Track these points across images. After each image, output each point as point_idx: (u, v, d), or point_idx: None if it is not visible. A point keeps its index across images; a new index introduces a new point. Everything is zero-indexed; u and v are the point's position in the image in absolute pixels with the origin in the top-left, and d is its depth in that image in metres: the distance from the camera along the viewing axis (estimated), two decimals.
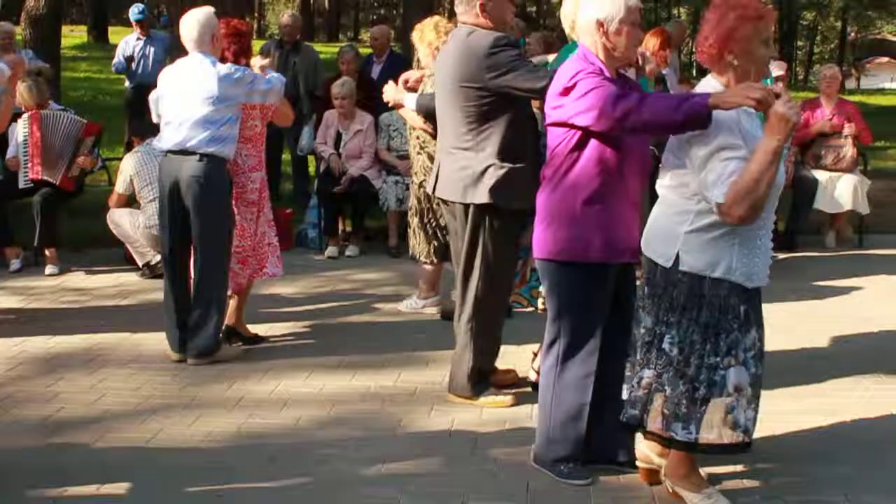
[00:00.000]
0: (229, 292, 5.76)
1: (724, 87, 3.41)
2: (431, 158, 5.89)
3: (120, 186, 7.52)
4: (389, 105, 6.00)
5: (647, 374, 3.56)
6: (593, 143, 3.72)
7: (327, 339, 6.02)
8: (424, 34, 6.07)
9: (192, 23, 5.44)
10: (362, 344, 5.90)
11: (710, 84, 3.48)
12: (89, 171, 8.26)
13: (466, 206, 4.56)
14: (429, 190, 4.91)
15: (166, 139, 5.49)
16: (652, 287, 3.58)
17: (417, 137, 6.29)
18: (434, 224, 6.31)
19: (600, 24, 3.72)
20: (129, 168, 7.47)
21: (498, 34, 4.45)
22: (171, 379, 5.29)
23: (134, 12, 11.71)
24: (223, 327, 5.69)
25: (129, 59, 11.43)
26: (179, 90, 5.44)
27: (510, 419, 4.64)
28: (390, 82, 5.75)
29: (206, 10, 5.55)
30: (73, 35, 27.39)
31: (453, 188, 4.59)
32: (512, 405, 4.79)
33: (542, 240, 3.93)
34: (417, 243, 6.50)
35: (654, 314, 3.56)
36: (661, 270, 3.52)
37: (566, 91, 3.70)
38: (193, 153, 5.40)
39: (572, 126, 3.72)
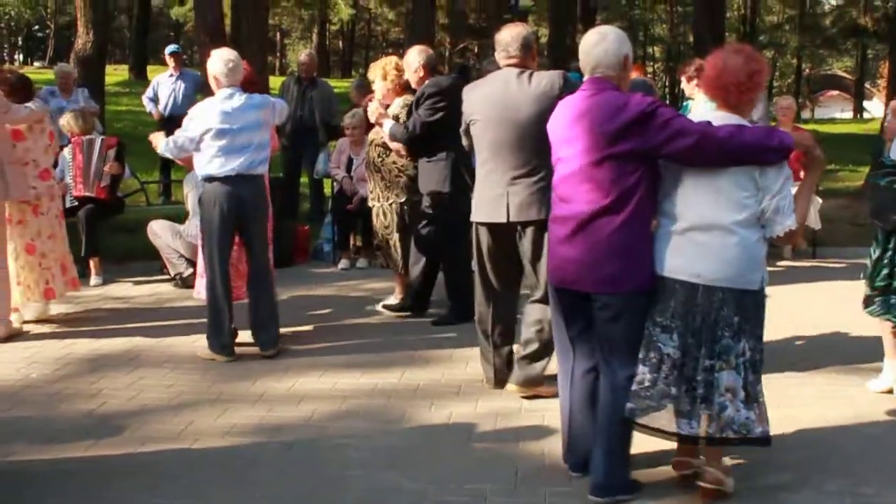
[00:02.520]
0: None
1: (738, 118, 3.49)
2: (413, 180, 6.36)
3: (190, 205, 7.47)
4: (372, 122, 6.33)
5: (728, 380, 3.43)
6: (650, 173, 3.49)
7: (339, 341, 6.00)
8: (388, 73, 6.37)
9: (227, 60, 5.52)
10: (370, 346, 5.88)
11: (724, 115, 3.49)
12: (120, 179, 8.21)
13: (539, 221, 4.49)
14: (495, 219, 4.67)
15: (222, 166, 5.48)
16: (712, 314, 3.42)
17: (394, 162, 6.46)
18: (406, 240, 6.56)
19: (627, 58, 3.65)
20: (188, 186, 7.48)
21: (556, 72, 4.71)
22: (201, 377, 5.27)
23: (170, 48, 11.77)
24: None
25: (155, 99, 11.41)
26: (235, 121, 5.48)
27: (501, 413, 4.62)
28: (375, 101, 6.10)
29: (234, 52, 5.66)
30: (116, 73, 27.46)
31: (529, 209, 4.52)
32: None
33: (626, 273, 3.50)
34: (399, 257, 6.64)
35: (709, 338, 3.43)
36: (738, 295, 3.41)
37: (637, 121, 3.42)
38: (253, 175, 5.55)
39: (649, 155, 3.45)
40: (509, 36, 4.71)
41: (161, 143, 5.73)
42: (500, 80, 4.70)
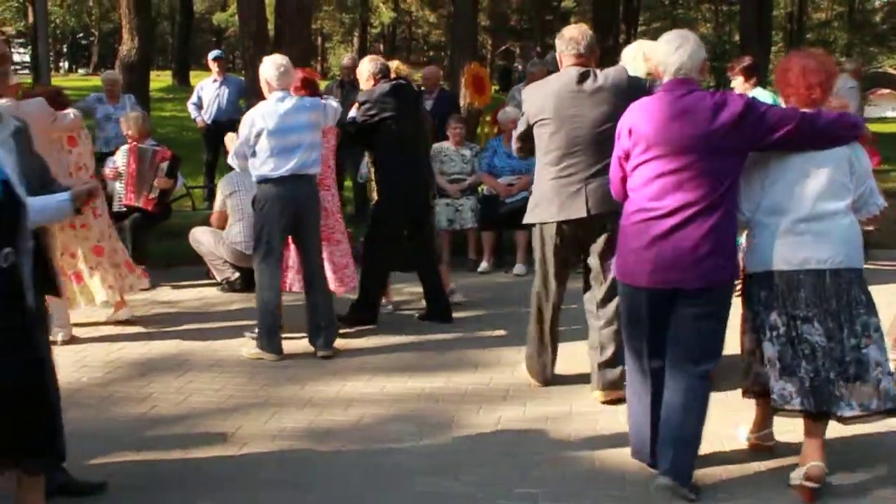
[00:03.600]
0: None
1: None
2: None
3: (218, 205, 7.60)
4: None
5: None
6: (740, 168, 3.69)
7: (386, 344, 6.03)
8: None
9: (279, 65, 5.68)
10: (417, 349, 5.91)
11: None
12: (169, 193, 8.29)
13: (616, 214, 4.47)
14: (573, 215, 4.73)
15: (276, 167, 5.64)
16: (833, 295, 3.62)
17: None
18: None
19: (705, 61, 3.79)
20: (224, 188, 7.55)
21: (621, 67, 4.89)
22: (249, 381, 5.33)
23: (213, 53, 11.91)
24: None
25: (199, 105, 11.56)
26: (286, 122, 5.63)
27: (551, 417, 4.62)
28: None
29: (285, 57, 5.84)
30: (159, 79, 27.84)
31: (609, 201, 4.49)
32: None
33: (727, 266, 3.67)
34: None
35: (847, 318, 3.63)
36: (859, 274, 3.68)
37: (740, 117, 3.59)
38: (306, 175, 5.72)
39: (752, 148, 3.66)
40: (579, 34, 4.80)
41: (231, 149, 5.95)
42: (569, 80, 4.76)
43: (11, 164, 3.27)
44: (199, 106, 11.53)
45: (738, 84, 7.07)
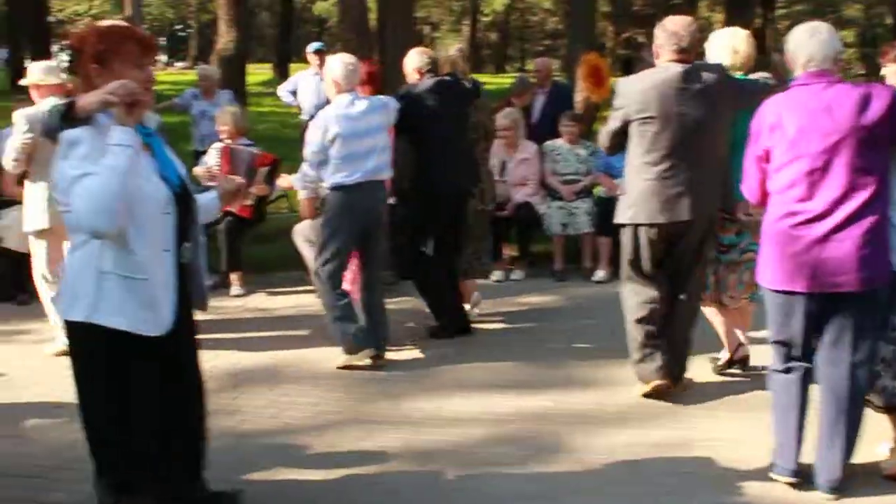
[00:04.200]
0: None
1: None
2: None
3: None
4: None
5: None
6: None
7: (491, 359, 6.02)
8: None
9: (347, 63, 5.86)
10: (524, 365, 5.89)
11: None
12: (267, 198, 8.49)
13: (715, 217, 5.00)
14: (675, 217, 4.89)
15: (351, 173, 5.76)
16: None
17: None
18: None
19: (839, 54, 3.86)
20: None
21: (718, 65, 5.06)
22: (345, 395, 5.40)
23: (313, 46, 12.11)
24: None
25: (293, 93, 11.81)
26: (359, 126, 5.76)
27: (668, 443, 4.54)
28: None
29: (352, 56, 6.08)
30: (259, 72, 28.50)
31: (711, 204, 4.91)
32: None
33: (886, 261, 3.80)
34: None
35: None
36: None
37: (888, 111, 3.69)
38: (379, 181, 5.87)
39: None
40: (682, 28, 4.87)
41: (296, 180, 6.17)
42: (672, 76, 4.82)
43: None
44: (293, 93, 11.74)
45: (891, 73, 6.81)
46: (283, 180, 6.59)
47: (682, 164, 4.83)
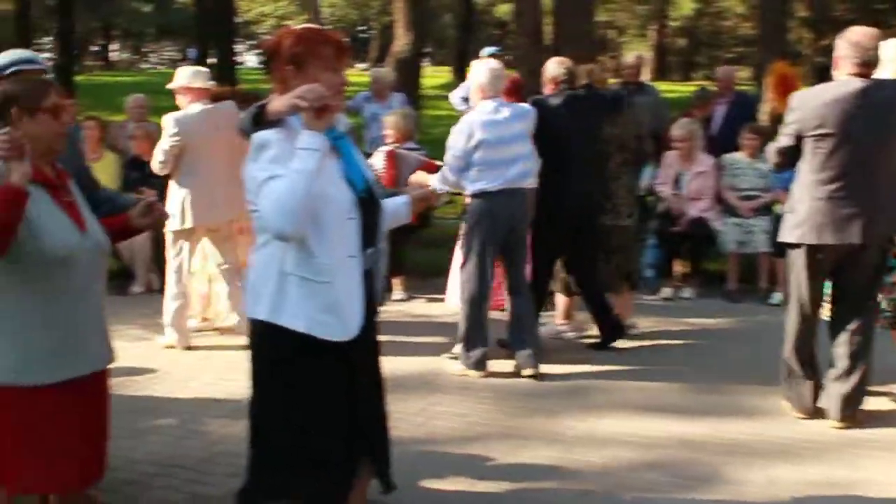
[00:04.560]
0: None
1: None
2: None
3: None
4: None
5: None
6: None
7: (649, 379, 5.97)
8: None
9: (493, 70, 6.01)
10: (684, 389, 5.81)
11: None
12: (433, 206, 8.60)
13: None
14: (845, 240, 4.83)
15: (493, 180, 5.88)
16: None
17: None
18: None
19: None
20: None
21: None
22: (497, 408, 5.45)
23: (487, 49, 12.20)
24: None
25: (466, 99, 11.89)
26: (503, 132, 5.90)
27: (836, 482, 4.37)
28: None
29: (498, 62, 6.23)
30: (437, 75, 28.91)
31: (881, 228, 4.85)
32: None
33: None
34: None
35: None
36: None
37: None
38: (522, 189, 5.95)
39: None
40: (867, 40, 4.75)
41: (434, 181, 6.18)
42: (853, 91, 4.71)
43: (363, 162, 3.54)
44: (465, 99, 11.87)
45: None
46: (421, 176, 6.67)
47: (857, 185, 4.73)
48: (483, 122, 5.88)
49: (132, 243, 8.44)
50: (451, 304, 6.70)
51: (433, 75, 24.85)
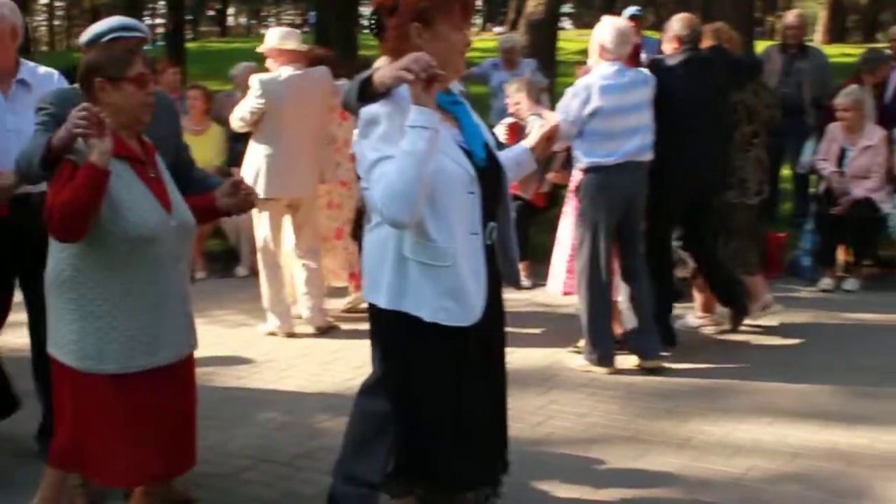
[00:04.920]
0: None
1: None
2: None
3: None
4: None
5: None
6: None
7: (797, 381, 5.84)
8: None
9: (619, 30, 5.90)
10: (837, 392, 5.67)
11: None
12: (563, 186, 8.54)
13: None
14: None
15: (610, 152, 5.84)
16: None
17: None
18: None
19: None
20: None
21: None
22: (621, 409, 5.41)
23: (630, 10, 12.02)
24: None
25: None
26: (623, 100, 5.86)
27: None
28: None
29: (628, 23, 6.13)
30: (582, 39, 28.56)
31: None
32: None
33: None
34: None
35: None
36: None
37: None
38: (641, 162, 5.90)
39: None
40: None
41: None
42: None
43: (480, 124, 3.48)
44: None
45: None
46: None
47: None
48: (602, 86, 5.80)
49: (238, 224, 8.71)
50: (552, 289, 6.68)
51: (576, 39, 24.54)
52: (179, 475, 4.01)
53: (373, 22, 3.31)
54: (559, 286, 6.54)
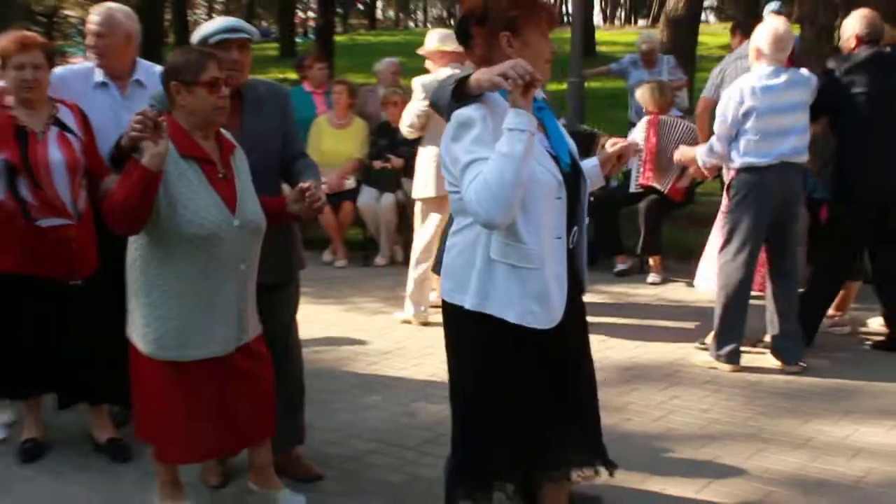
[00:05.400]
0: None
1: None
2: None
3: None
4: None
5: None
6: None
7: None
8: None
9: (778, 37, 5.85)
10: None
11: None
12: (700, 182, 8.48)
13: None
14: None
15: (765, 152, 5.80)
16: None
17: None
18: None
19: None
20: None
21: None
22: (743, 406, 5.40)
23: (772, 5, 11.76)
24: None
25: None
26: (781, 102, 5.82)
27: None
28: None
29: (790, 29, 5.97)
30: (726, 32, 27.98)
31: None
32: None
33: None
34: None
35: None
36: None
37: None
38: (796, 164, 5.87)
39: None
40: None
41: (700, 154, 6.15)
42: None
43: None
44: None
45: None
46: (682, 152, 6.60)
47: None
48: (755, 87, 5.79)
49: (377, 215, 8.91)
50: (702, 288, 6.62)
51: (719, 33, 24.09)
52: (231, 455, 4.25)
53: (460, 31, 3.40)
54: (710, 284, 6.45)
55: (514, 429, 3.39)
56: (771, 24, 5.90)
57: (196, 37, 4.19)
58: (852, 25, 6.20)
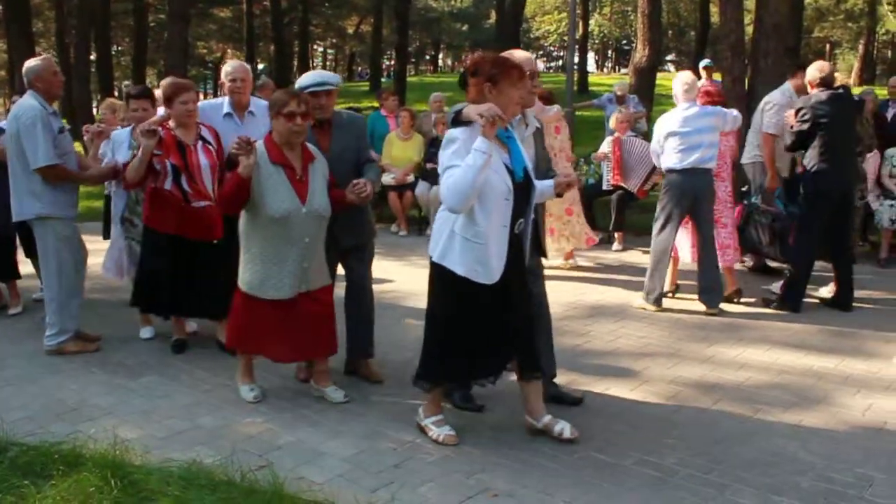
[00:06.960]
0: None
1: None
2: None
3: None
4: None
5: None
6: None
7: (798, 322, 5.67)
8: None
9: (685, 83, 5.93)
10: (825, 333, 5.48)
11: None
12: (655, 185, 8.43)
13: None
14: None
15: (682, 160, 5.87)
16: None
17: None
18: None
19: None
20: None
21: None
22: (668, 334, 5.43)
23: (704, 62, 11.64)
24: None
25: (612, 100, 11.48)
26: (691, 126, 5.88)
27: None
28: None
29: (692, 76, 6.04)
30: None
31: None
32: None
33: None
34: None
35: None
36: None
37: None
38: (704, 168, 5.91)
39: None
40: None
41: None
42: None
43: (530, 155, 3.76)
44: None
45: None
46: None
47: None
48: (673, 117, 5.91)
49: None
50: (684, 258, 6.41)
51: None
52: (313, 359, 4.28)
53: (461, 80, 3.61)
54: (687, 255, 6.35)
55: (461, 345, 3.57)
56: (680, 76, 6.02)
57: (297, 84, 4.24)
58: (813, 73, 6.06)
